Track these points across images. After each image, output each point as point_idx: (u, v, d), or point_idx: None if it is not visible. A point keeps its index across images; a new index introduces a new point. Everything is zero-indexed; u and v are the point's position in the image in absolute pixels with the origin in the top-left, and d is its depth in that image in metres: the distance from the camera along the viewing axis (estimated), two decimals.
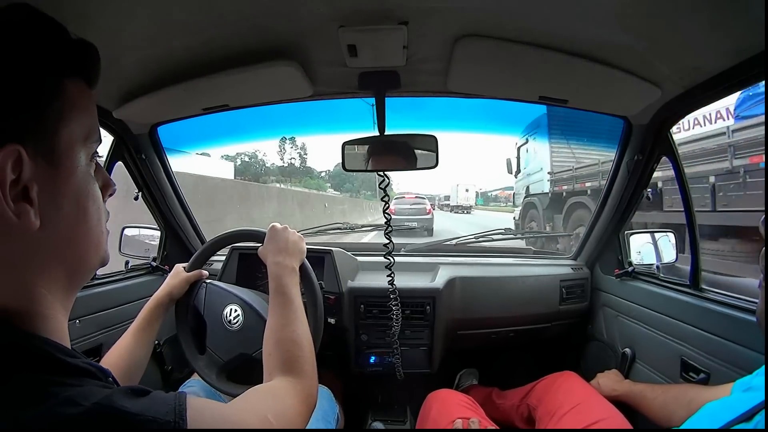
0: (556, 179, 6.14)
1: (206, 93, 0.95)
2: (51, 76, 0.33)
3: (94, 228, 0.37)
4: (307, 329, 0.66)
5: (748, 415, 0.48)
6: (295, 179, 27.65)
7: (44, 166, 0.32)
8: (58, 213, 0.33)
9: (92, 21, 0.63)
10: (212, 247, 0.97)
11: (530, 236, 5.12)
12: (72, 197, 0.34)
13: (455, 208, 26.81)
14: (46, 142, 0.32)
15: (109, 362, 0.74)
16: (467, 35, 0.76)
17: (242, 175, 22.65)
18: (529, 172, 7.05)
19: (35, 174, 0.31)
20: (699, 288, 0.99)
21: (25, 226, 0.31)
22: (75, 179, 0.35)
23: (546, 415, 0.99)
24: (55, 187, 0.33)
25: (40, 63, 0.33)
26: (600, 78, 0.86)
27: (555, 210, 6.02)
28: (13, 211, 0.30)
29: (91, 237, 0.36)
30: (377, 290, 1.21)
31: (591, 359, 1.39)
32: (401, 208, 8.99)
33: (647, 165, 1.11)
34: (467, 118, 1.62)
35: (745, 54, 0.70)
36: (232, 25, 0.72)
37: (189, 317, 0.93)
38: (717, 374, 0.86)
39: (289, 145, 30.29)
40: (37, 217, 0.31)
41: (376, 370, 1.31)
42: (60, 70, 0.34)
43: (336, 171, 42.83)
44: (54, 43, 0.34)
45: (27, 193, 0.31)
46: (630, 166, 1.15)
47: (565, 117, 5.87)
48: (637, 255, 1.26)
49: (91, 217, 0.36)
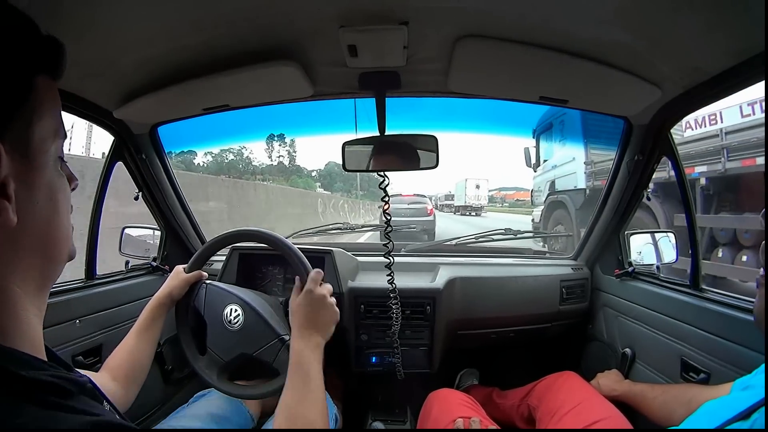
0: (598, 170, 4.81)
1: (206, 93, 0.95)
2: (25, 73, 0.33)
3: (64, 221, 0.37)
4: (323, 409, 0.63)
5: (746, 413, 0.48)
6: (281, 178, 27.08)
7: (19, 161, 0.32)
8: (33, 207, 0.33)
9: (93, 21, 0.63)
10: (212, 247, 0.97)
11: (530, 236, 5.04)
12: (45, 191, 0.34)
13: (462, 209, 22.88)
14: (21, 138, 0.32)
15: (113, 364, 0.74)
16: (467, 35, 0.76)
17: (226, 173, 21.98)
18: (555, 163, 5.78)
19: (12, 170, 0.31)
20: (699, 288, 0.99)
21: (3, 222, 0.30)
22: (48, 173, 0.35)
23: (546, 415, 0.99)
24: (30, 181, 0.33)
25: (15, 59, 0.33)
26: (600, 78, 0.86)
27: (592, 210, 5.17)
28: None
29: (61, 230, 0.37)
30: (377, 290, 1.21)
31: (591, 359, 1.39)
32: (398, 208, 7.77)
33: (647, 165, 1.11)
34: (467, 118, 1.63)
35: (745, 54, 0.70)
36: (233, 25, 0.72)
37: (189, 317, 0.93)
38: (717, 374, 0.86)
39: (277, 143, 29.65)
40: (15, 213, 0.31)
41: (376, 370, 1.31)
42: (33, 66, 0.34)
43: (327, 170, 42.27)
44: (27, 39, 0.34)
45: (5, 190, 0.31)
46: (630, 166, 1.15)
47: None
48: (637, 255, 1.27)
49: (63, 210, 0.37)
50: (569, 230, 4.98)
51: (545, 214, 5.96)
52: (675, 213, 3.80)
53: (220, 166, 19.46)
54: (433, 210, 8.90)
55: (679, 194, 1.06)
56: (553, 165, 5.89)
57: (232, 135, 2.18)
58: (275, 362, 0.86)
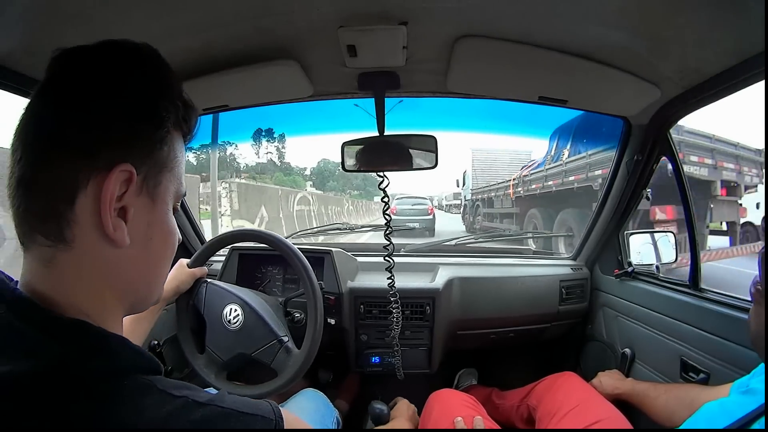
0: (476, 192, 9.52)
1: (206, 93, 0.95)
2: (168, 122, 0.37)
3: (166, 266, 0.42)
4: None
5: (745, 421, 0.48)
6: (264, 175, 26.49)
7: (146, 197, 0.36)
8: (148, 242, 0.37)
9: (92, 22, 0.63)
10: (214, 245, 0.97)
11: (529, 237, 5.10)
12: (160, 234, 0.38)
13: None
14: (151, 177, 0.36)
15: None
16: (466, 35, 0.77)
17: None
18: (466, 188, 10.51)
19: (136, 200, 0.35)
20: (698, 288, 0.99)
21: (117, 239, 0.34)
22: (167, 219, 0.39)
23: (546, 416, 0.98)
24: (151, 219, 0.37)
25: (166, 105, 0.37)
26: (600, 78, 0.86)
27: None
28: (111, 222, 0.33)
29: (163, 273, 0.41)
30: (377, 290, 1.21)
31: (591, 359, 1.39)
32: (403, 209, 9.13)
33: (647, 165, 1.11)
34: (467, 118, 1.63)
35: (745, 54, 0.70)
36: (233, 25, 0.72)
37: (189, 316, 0.94)
38: (717, 374, 0.86)
39: (265, 139, 28.79)
40: (128, 236, 0.34)
41: (375, 371, 1.31)
42: (174, 119, 0.38)
43: (319, 168, 41.85)
44: (174, 93, 0.38)
45: (125, 213, 0.34)
46: (629, 166, 1.15)
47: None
48: (636, 255, 1.27)
49: (168, 256, 0.41)
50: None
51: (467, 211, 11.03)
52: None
53: (202, 165, 18.96)
54: (433, 209, 10.23)
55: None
56: (464, 188, 11.10)
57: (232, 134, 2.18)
58: (273, 363, 0.86)
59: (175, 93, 0.39)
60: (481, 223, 9.37)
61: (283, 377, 0.85)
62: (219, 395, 0.35)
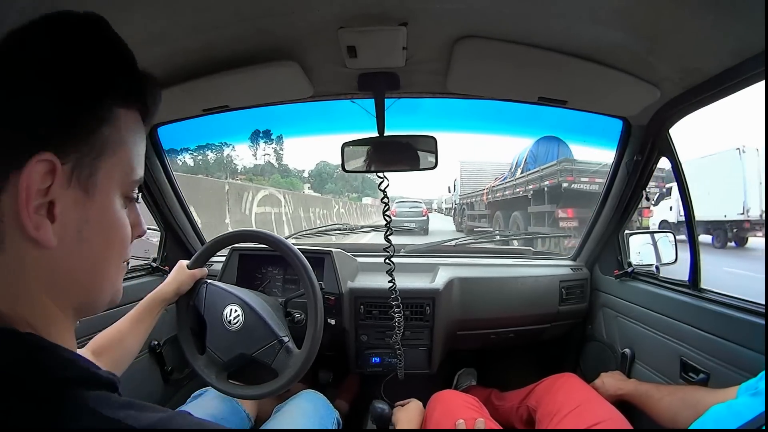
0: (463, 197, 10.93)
1: (206, 94, 0.95)
2: (108, 99, 0.33)
3: (112, 267, 0.36)
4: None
5: (757, 422, 0.48)
6: (261, 177, 26.20)
7: (77, 189, 0.31)
8: (80, 242, 0.32)
9: None
10: (214, 246, 0.97)
11: (528, 237, 5.10)
12: (99, 231, 0.33)
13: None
14: (86, 166, 0.31)
15: (101, 342, 0.73)
16: (466, 36, 0.77)
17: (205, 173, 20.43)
18: (455, 194, 11.77)
19: (65, 194, 0.30)
20: (698, 288, 0.99)
21: (41, 239, 0.30)
22: (108, 213, 0.34)
23: (546, 417, 0.98)
24: (85, 215, 0.32)
25: (101, 81, 0.32)
26: (599, 78, 0.86)
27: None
28: (32, 221, 0.29)
29: (108, 275, 0.36)
30: (377, 291, 1.21)
31: (591, 360, 1.39)
32: (401, 210, 10.62)
33: (647, 165, 1.11)
34: (466, 118, 1.63)
35: (745, 54, 0.70)
36: (233, 26, 0.72)
37: (189, 317, 0.93)
38: (717, 374, 0.86)
39: (263, 141, 28.30)
40: (55, 236, 0.30)
41: (375, 371, 1.31)
42: (118, 95, 0.33)
43: (317, 170, 41.66)
44: (119, 65, 0.33)
45: (52, 209, 0.30)
46: (629, 166, 1.15)
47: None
48: (636, 255, 1.27)
49: (113, 256, 0.36)
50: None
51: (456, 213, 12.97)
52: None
53: (199, 166, 18.51)
54: (426, 211, 11.83)
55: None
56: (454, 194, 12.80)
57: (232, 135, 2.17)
58: (274, 363, 0.86)
59: (122, 65, 0.33)
60: (465, 223, 11.70)
61: (284, 377, 0.85)
62: (166, 419, 0.30)
